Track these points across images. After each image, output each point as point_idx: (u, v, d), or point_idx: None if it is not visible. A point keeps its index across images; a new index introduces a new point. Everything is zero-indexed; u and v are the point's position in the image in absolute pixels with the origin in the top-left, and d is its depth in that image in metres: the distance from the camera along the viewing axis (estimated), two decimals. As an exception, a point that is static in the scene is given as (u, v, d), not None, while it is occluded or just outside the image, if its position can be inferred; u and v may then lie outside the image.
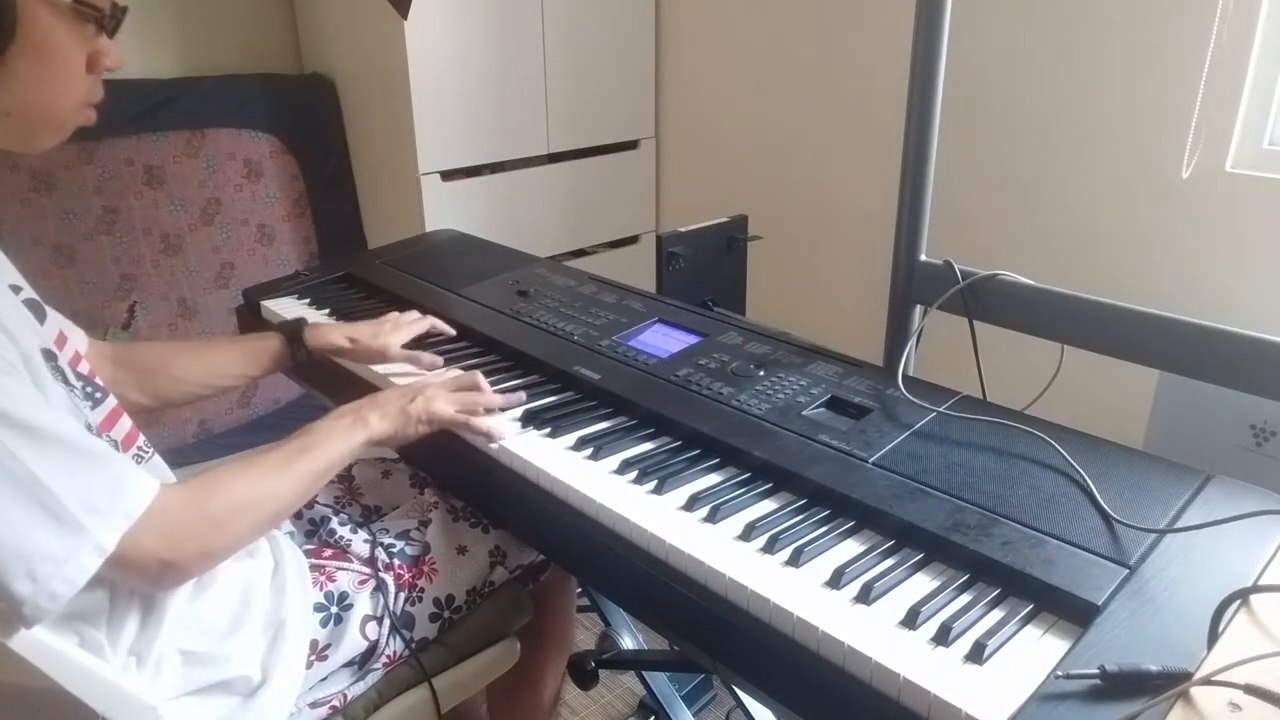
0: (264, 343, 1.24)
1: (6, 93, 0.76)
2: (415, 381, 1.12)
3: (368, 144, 2.60)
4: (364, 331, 1.26)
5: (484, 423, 1.07)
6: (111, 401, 0.91)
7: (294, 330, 1.25)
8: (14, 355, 0.75)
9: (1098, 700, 0.65)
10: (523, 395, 1.15)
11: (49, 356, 0.82)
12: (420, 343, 1.30)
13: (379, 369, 1.26)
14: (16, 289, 0.87)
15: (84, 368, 0.89)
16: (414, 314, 1.33)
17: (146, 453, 0.94)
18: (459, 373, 1.17)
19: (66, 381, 0.83)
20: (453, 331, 1.35)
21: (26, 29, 0.74)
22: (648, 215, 2.94)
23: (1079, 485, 0.89)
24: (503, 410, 1.12)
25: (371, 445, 1.02)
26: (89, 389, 0.88)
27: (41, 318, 0.89)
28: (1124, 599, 0.74)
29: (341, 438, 0.98)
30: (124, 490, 0.76)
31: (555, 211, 2.69)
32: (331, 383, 1.33)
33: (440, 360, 1.27)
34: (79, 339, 1.03)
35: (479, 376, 1.13)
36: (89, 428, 0.83)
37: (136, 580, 0.82)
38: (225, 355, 1.23)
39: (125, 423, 0.92)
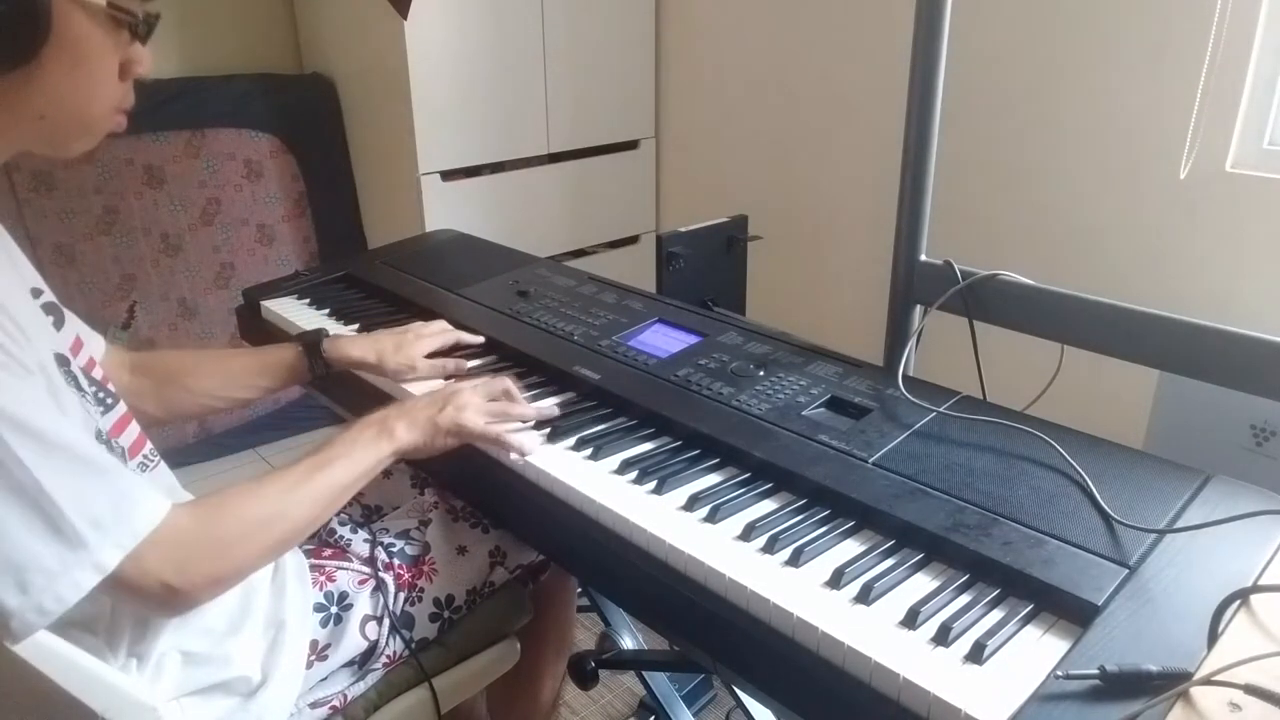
0: (281, 354, 1.19)
1: (41, 95, 0.76)
2: (444, 389, 1.06)
3: (368, 144, 2.60)
4: (386, 344, 1.21)
5: (515, 438, 1.02)
6: (122, 408, 0.90)
7: (312, 342, 1.19)
8: (31, 360, 0.74)
9: (1098, 700, 0.65)
10: (555, 409, 1.10)
11: (62, 361, 0.81)
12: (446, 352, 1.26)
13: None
14: (38, 292, 0.87)
15: (97, 373, 0.89)
16: (440, 324, 1.28)
17: (152, 461, 0.94)
18: (488, 378, 1.10)
19: (78, 386, 0.83)
20: (481, 340, 1.30)
21: (61, 30, 0.74)
22: (648, 215, 2.94)
23: (1079, 485, 0.89)
24: (535, 422, 1.08)
25: (397, 457, 0.97)
26: (100, 394, 0.87)
27: (60, 322, 0.89)
28: (1124, 599, 0.74)
29: (365, 451, 0.93)
30: (132, 507, 0.73)
31: (555, 211, 2.70)
32: (339, 386, 1.30)
33: (466, 366, 1.23)
34: (96, 345, 1.01)
35: (509, 383, 1.08)
36: (99, 434, 0.83)
37: (138, 604, 0.79)
38: (241, 367, 1.19)
39: (134, 429, 0.92)
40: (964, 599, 0.78)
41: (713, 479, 0.98)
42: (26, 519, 0.68)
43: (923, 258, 1.37)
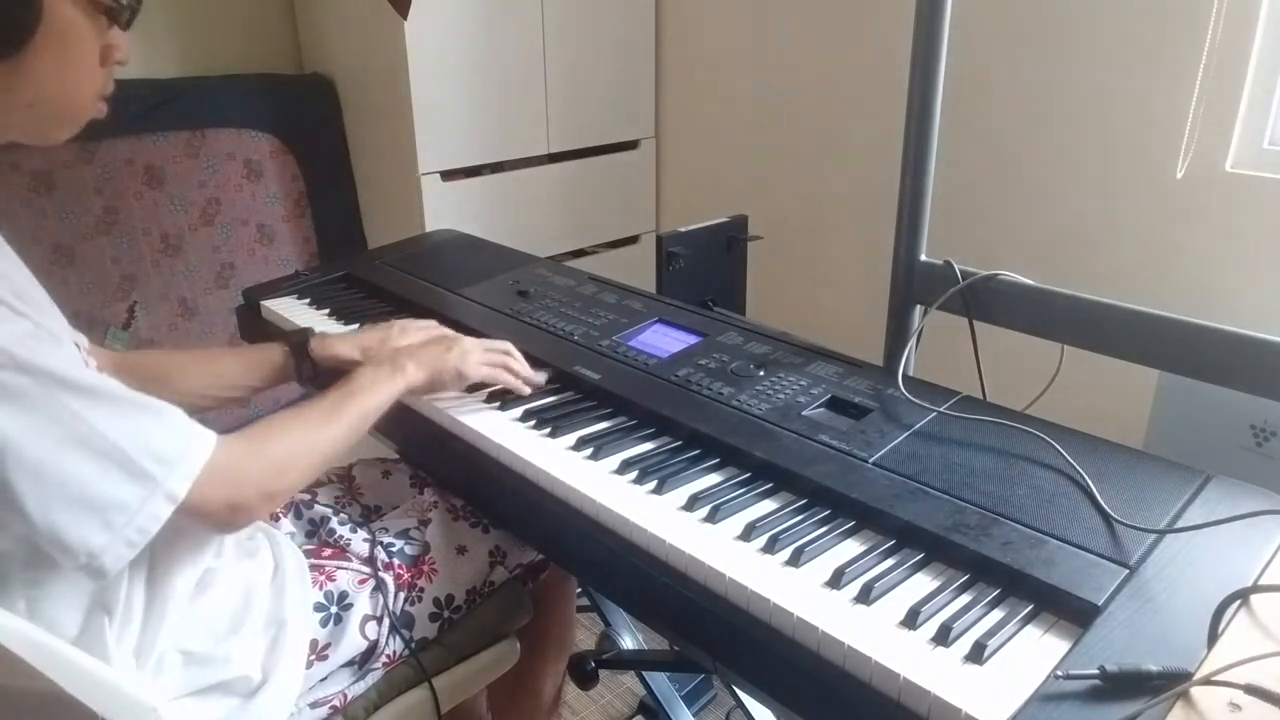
0: (268, 354, 1.20)
1: (29, 84, 0.78)
2: (448, 335, 1.18)
3: (368, 144, 2.60)
4: (372, 340, 1.20)
5: (515, 380, 1.14)
6: None
7: (299, 342, 1.20)
8: (61, 334, 0.80)
9: (1098, 700, 0.65)
10: (542, 378, 1.19)
11: (78, 347, 0.85)
12: None
13: None
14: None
15: (93, 365, 0.90)
16: (430, 322, 1.27)
17: None
18: (488, 339, 1.20)
19: None
20: None
21: (49, 19, 0.76)
22: (648, 215, 2.94)
23: (1079, 485, 0.89)
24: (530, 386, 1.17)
25: (408, 393, 1.07)
26: None
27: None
28: (1124, 599, 0.74)
29: (383, 385, 1.03)
30: (187, 440, 0.80)
31: (555, 211, 2.69)
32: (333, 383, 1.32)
33: None
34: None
35: (510, 345, 1.18)
36: None
37: (206, 525, 0.86)
38: (228, 367, 1.19)
39: None
40: (964, 599, 0.78)
41: (713, 479, 0.98)
42: (97, 464, 0.74)
43: (923, 258, 1.37)
